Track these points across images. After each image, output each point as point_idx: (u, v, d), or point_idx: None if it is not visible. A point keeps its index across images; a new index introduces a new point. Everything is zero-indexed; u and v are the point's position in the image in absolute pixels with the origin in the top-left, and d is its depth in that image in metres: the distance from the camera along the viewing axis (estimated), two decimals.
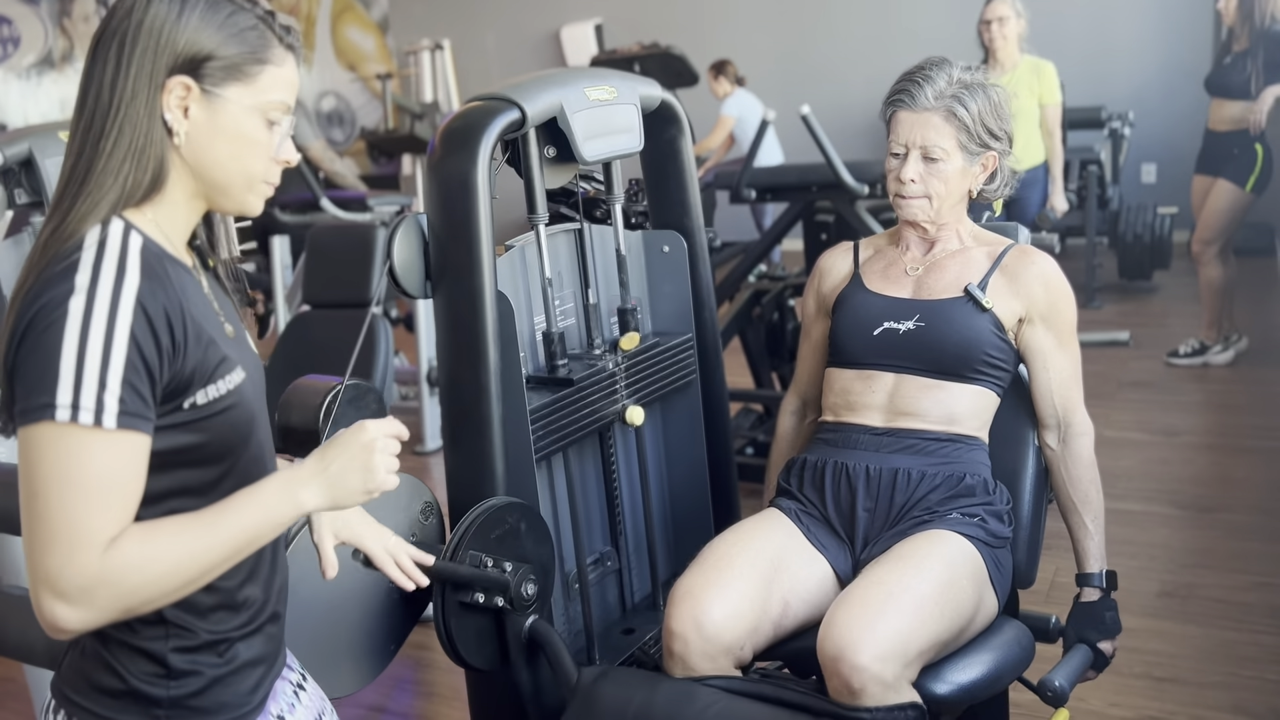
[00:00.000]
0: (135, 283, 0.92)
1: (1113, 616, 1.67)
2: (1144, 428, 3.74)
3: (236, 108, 0.99)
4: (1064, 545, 1.95)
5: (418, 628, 2.79)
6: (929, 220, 1.68)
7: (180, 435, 0.98)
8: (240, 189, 1.02)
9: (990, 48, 3.91)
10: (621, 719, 1.42)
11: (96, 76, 0.96)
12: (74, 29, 9.82)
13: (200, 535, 0.95)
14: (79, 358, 0.89)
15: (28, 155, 2.37)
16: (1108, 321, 5.07)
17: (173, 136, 0.97)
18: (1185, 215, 5.75)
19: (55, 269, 0.93)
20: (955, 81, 1.62)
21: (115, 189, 0.95)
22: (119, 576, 0.91)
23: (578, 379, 1.69)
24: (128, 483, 0.93)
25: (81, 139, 0.96)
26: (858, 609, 1.43)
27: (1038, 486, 1.71)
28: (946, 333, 1.63)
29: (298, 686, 1.21)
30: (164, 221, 1.00)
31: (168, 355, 0.94)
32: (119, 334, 0.90)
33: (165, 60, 0.95)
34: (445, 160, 1.53)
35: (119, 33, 0.95)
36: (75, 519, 0.90)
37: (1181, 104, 6.22)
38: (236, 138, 0.99)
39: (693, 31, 7.43)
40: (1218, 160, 4.20)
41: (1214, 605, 2.58)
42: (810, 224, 3.63)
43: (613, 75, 1.76)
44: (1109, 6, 6.53)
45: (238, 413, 1.02)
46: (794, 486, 1.71)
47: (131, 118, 0.95)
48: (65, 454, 0.89)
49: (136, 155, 0.95)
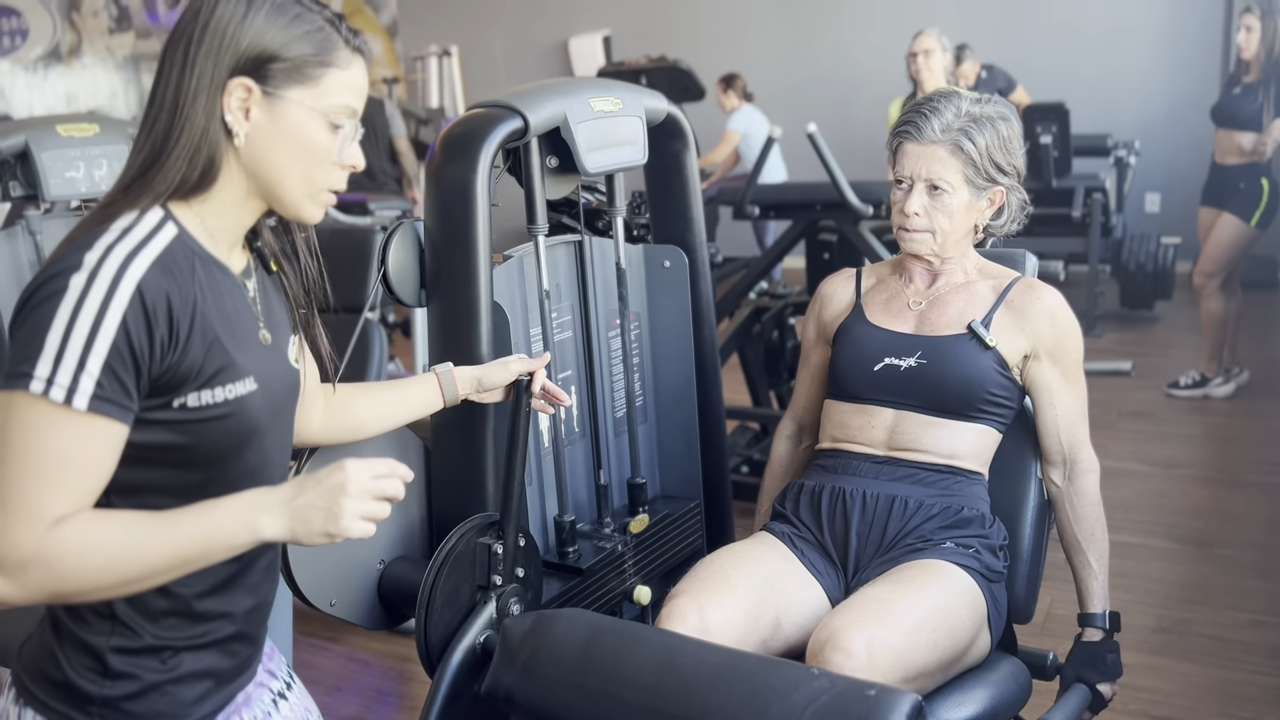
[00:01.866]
0: (142, 269, 0.92)
1: (1114, 659, 1.63)
2: (1143, 459, 3.71)
3: (298, 110, 0.98)
4: (1059, 577, 1.92)
5: (399, 639, 2.76)
6: (933, 254, 1.65)
7: (163, 433, 0.96)
8: (299, 194, 1.02)
9: (917, 79, 4.06)
10: (563, 656, 1.32)
11: (164, 75, 0.97)
12: (82, 23, 9.82)
13: (147, 536, 0.93)
14: (65, 334, 0.88)
15: (23, 148, 2.35)
16: (1108, 350, 5.05)
17: (232, 138, 0.97)
18: (1188, 246, 5.74)
19: (77, 241, 0.93)
20: (964, 114, 1.59)
21: (162, 183, 0.96)
22: (54, 558, 0.89)
23: (586, 568, 1.65)
24: (87, 467, 0.91)
25: (146, 135, 0.97)
26: (855, 616, 1.40)
27: (1038, 520, 1.68)
28: (949, 371, 1.59)
29: (278, 695, 1.18)
30: (210, 219, 1.00)
31: (161, 347, 0.92)
32: (110, 317, 0.89)
33: (228, 61, 0.96)
34: (445, 167, 1.51)
35: (187, 33, 0.96)
36: (24, 492, 0.89)
37: (1187, 134, 6.21)
38: (297, 141, 0.99)
39: (701, 46, 7.43)
40: (1223, 193, 4.19)
41: (1211, 643, 2.54)
42: (813, 243, 3.61)
43: (618, 87, 1.73)
44: (1118, 35, 6.54)
45: (233, 423, 0.99)
46: (789, 510, 1.68)
47: (192, 117, 0.95)
48: (29, 426, 0.89)
49: (190, 154, 0.96)
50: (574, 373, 1.80)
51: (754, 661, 1.25)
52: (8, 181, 2.40)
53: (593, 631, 1.32)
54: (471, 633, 1.41)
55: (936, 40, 3.99)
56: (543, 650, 1.31)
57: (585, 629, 1.33)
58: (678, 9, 7.75)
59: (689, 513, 1.89)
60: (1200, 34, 6.33)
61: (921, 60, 3.99)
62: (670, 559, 1.85)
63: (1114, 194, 5.63)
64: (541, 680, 1.30)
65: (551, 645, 1.32)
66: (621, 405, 1.87)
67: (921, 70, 4.00)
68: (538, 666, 1.30)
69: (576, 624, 1.34)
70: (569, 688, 1.27)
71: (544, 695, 1.29)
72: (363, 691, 2.55)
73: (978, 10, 6.83)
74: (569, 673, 1.28)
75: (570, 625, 1.34)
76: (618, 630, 1.35)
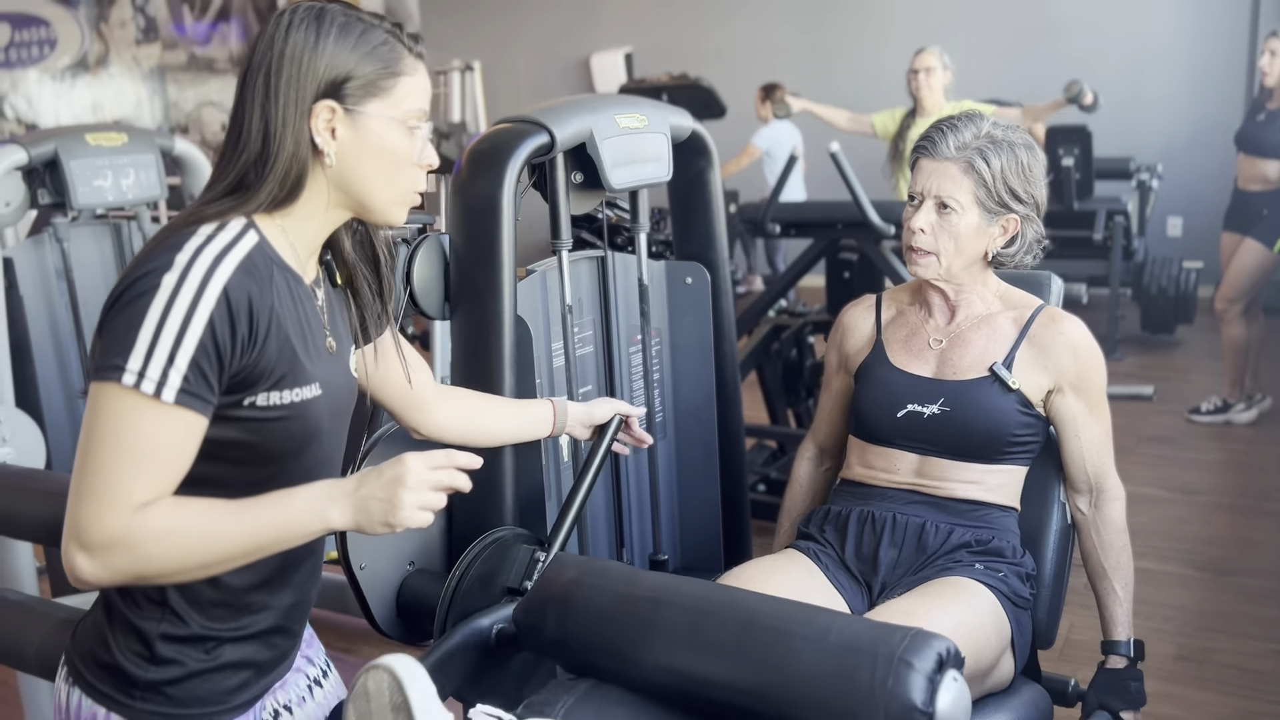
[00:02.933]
0: (229, 271, 0.97)
1: (1138, 687, 1.61)
2: (1163, 484, 3.68)
3: (379, 122, 1.04)
4: (1079, 602, 1.90)
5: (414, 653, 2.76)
6: (939, 279, 1.61)
7: (232, 429, 1.01)
8: (388, 201, 1.08)
9: (917, 96, 4.06)
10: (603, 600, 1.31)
11: (247, 104, 1.02)
12: (110, 34, 9.94)
13: (226, 522, 0.98)
14: (157, 330, 0.94)
15: (53, 156, 2.38)
16: (1129, 374, 5.02)
17: (322, 157, 1.03)
18: (1210, 270, 5.70)
19: (166, 243, 0.98)
20: (983, 135, 1.56)
21: (253, 203, 1.02)
22: (138, 541, 0.95)
23: None
24: (172, 456, 0.97)
25: (234, 158, 1.02)
26: None
27: (1061, 544, 1.67)
28: (973, 417, 1.57)
29: (314, 682, 1.22)
30: (292, 230, 1.05)
31: (242, 346, 0.98)
32: (199, 316, 0.95)
33: (310, 87, 1.01)
34: (471, 181, 1.51)
35: (264, 65, 1.01)
36: (113, 478, 0.94)
37: (1210, 158, 6.19)
38: (382, 151, 1.04)
39: (723, 64, 7.46)
40: (1246, 219, 4.16)
41: (1231, 672, 2.51)
42: (833, 262, 3.61)
43: (644, 103, 1.74)
44: (1141, 58, 6.52)
45: (296, 425, 1.04)
46: (814, 531, 1.67)
47: (283, 142, 1.01)
48: (121, 416, 0.94)
49: (282, 176, 1.02)
50: (594, 387, 1.80)
51: (796, 602, 1.27)
52: (36, 188, 2.43)
53: (637, 570, 1.36)
54: (490, 617, 1.38)
55: (938, 58, 4.00)
56: (591, 569, 1.32)
57: (630, 569, 1.36)
58: (700, 27, 7.78)
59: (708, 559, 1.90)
60: (1224, 58, 6.31)
61: (922, 78, 4.00)
62: None
63: (1136, 217, 5.61)
64: (587, 591, 1.28)
65: (601, 566, 1.33)
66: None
67: (922, 87, 4.01)
68: (586, 579, 1.30)
69: (620, 565, 1.37)
70: (617, 597, 1.26)
71: (587, 607, 1.28)
72: None
73: (1000, 32, 6.83)
74: (617, 583, 1.29)
75: (616, 564, 1.37)
76: (658, 572, 1.36)
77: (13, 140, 2.38)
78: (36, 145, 2.37)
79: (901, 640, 1.10)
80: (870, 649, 1.10)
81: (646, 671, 1.23)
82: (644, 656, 1.22)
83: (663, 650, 1.21)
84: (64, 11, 9.59)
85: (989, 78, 6.51)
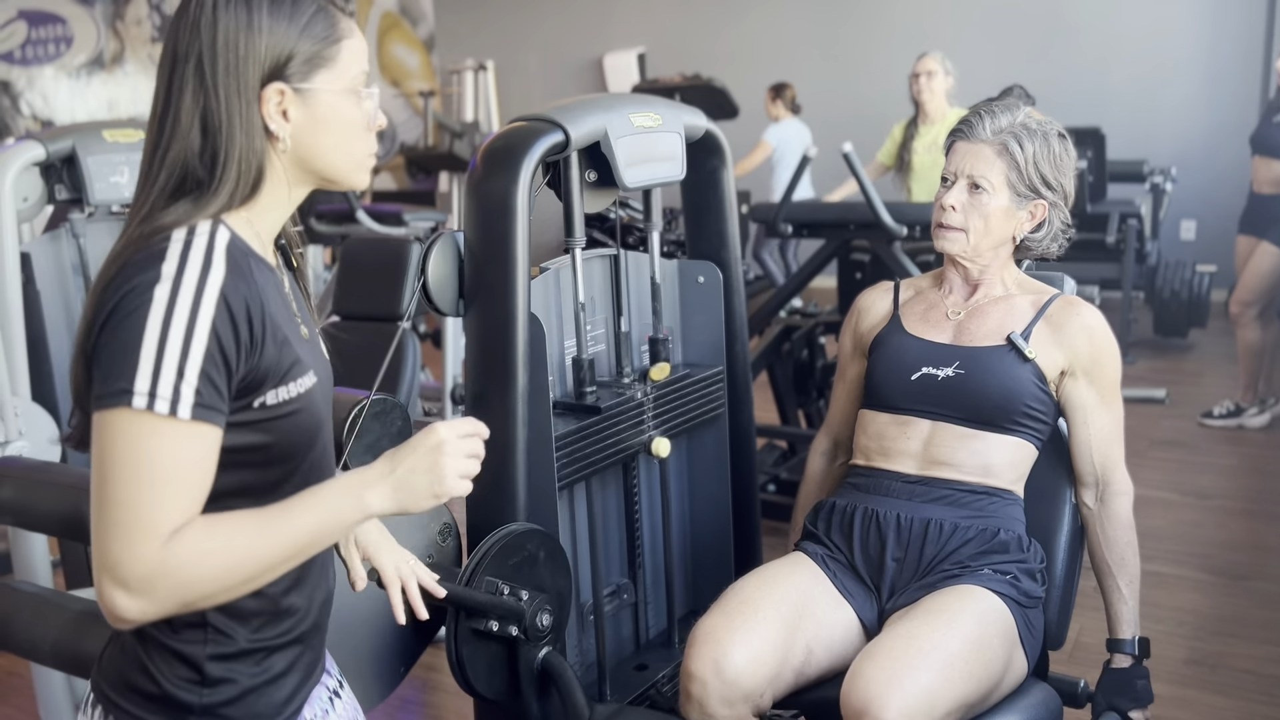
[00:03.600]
0: (221, 275, 0.92)
1: (1145, 685, 1.61)
2: (1176, 488, 3.66)
3: (329, 95, 0.99)
4: (1089, 604, 1.89)
5: (429, 649, 2.76)
6: (963, 255, 1.64)
7: (247, 434, 0.97)
8: (349, 170, 1.03)
9: (918, 100, 4.07)
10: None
11: (175, 98, 0.95)
12: (126, 31, 9.99)
13: (263, 532, 0.94)
14: (160, 346, 0.88)
15: (71, 152, 2.39)
16: (1141, 377, 5.00)
17: (276, 142, 0.98)
18: (1224, 274, 5.68)
19: (139, 256, 0.92)
20: (1018, 122, 1.60)
21: (215, 204, 0.96)
22: (179, 568, 0.89)
23: (605, 407, 1.66)
24: (196, 475, 0.92)
25: (166, 158, 0.95)
26: (885, 662, 1.38)
27: (1073, 544, 1.66)
28: (987, 382, 1.59)
29: (334, 693, 1.20)
30: (257, 220, 1.00)
31: (245, 350, 0.93)
32: (201, 325, 0.90)
33: (254, 73, 0.95)
34: (486, 179, 1.52)
35: (192, 54, 0.94)
36: (140, 508, 0.89)
37: (1225, 161, 6.16)
38: (336, 123, 1.00)
39: (735, 64, 7.46)
40: (1262, 222, 4.14)
41: (1243, 676, 2.50)
42: (845, 262, 3.60)
43: (658, 103, 1.74)
44: (1156, 61, 6.50)
45: (305, 416, 1.01)
46: (821, 531, 1.67)
47: (232, 135, 0.95)
48: (137, 442, 0.88)
49: (240, 171, 0.96)
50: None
51: None
52: (54, 184, 2.45)
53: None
54: (499, 622, 1.40)
55: (939, 63, 4.01)
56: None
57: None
58: (713, 27, 7.78)
59: (713, 377, 1.88)
60: (1239, 61, 6.28)
61: (924, 81, 4.01)
62: (693, 418, 1.84)
63: (1149, 220, 5.59)
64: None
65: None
66: None
67: (923, 91, 4.02)
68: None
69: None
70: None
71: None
72: (389, 700, 2.55)
73: (1016, 35, 6.82)
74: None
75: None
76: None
77: (31, 136, 2.39)
78: (54, 142, 2.38)
79: None
80: None
81: None
82: None
83: None
84: (80, 9, 9.65)
85: (1005, 80, 6.49)
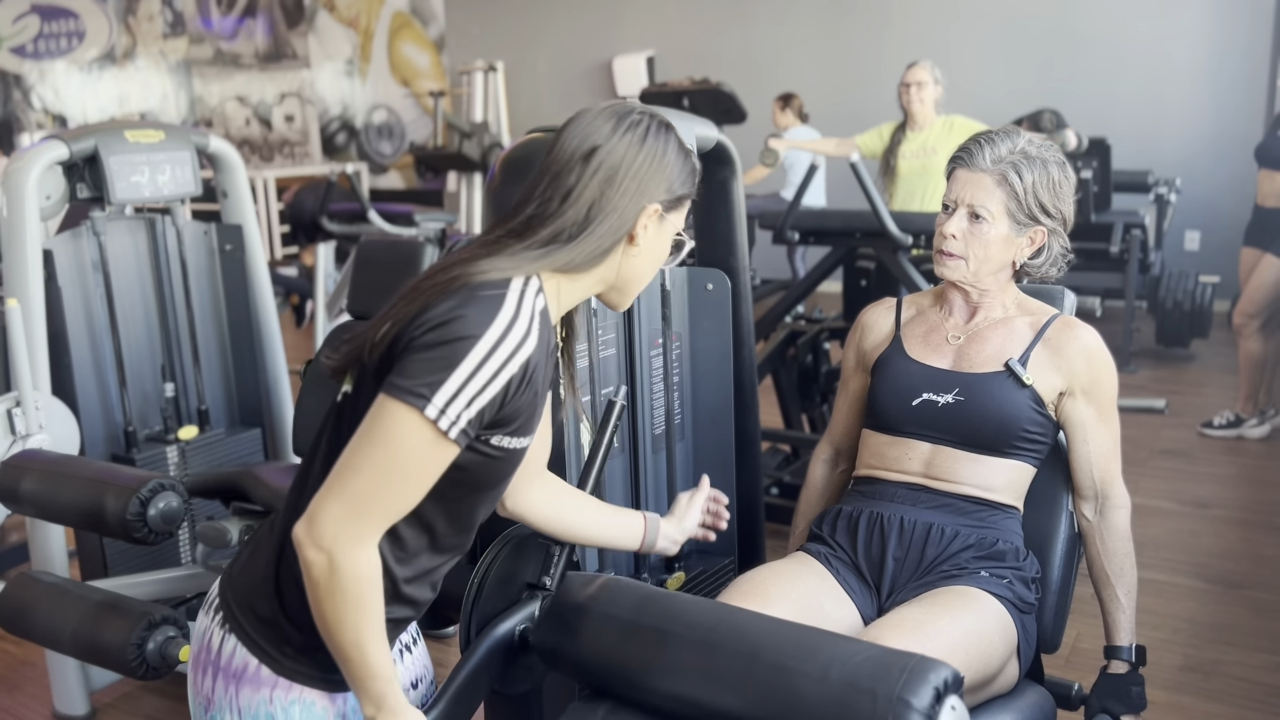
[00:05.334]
0: (532, 345, 1.08)
1: (1139, 692, 1.65)
2: (1174, 497, 3.70)
3: (669, 230, 1.21)
4: (1086, 610, 1.93)
5: (434, 643, 2.80)
6: (965, 281, 1.67)
7: (464, 456, 1.10)
8: (635, 291, 1.24)
9: (908, 109, 4.09)
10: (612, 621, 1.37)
11: (587, 179, 1.14)
12: (138, 27, 10.04)
13: (370, 626, 1.08)
14: (467, 379, 1.04)
15: (93, 152, 2.44)
16: (1142, 387, 5.03)
17: (631, 245, 1.17)
18: (1227, 285, 5.71)
19: (484, 292, 1.07)
20: (1017, 150, 1.62)
21: (558, 262, 1.13)
22: (338, 566, 1.04)
23: None
24: (428, 481, 1.07)
25: (552, 216, 1.13)
26: (890, 632, 1.42)
27: (1068, 552, 1.70)
28: (986, 408, 1.62)
29: (405, 647, 1.31)
30: (565, 293, 1.18)
31: (514, 400, 1.08)
32: (502, 377, 1.05)
33: (651, 190, 1.16)
34: (504, 188, 1.56)
35: (616, 156, 1.14)
36: (373, 492, 1.04)
37: (1229, 173, 6.19)
38: (660, 254, 1.22)
39: (745, 69, 7.50)
40: (1267, 235, 4.17)
41: (1238, 684, 2.54)
42: (851, 270, 3.64)
43: (670, 114, 1.78)
44: (1162, 72, 6.53)
45: (504, 467, 1.15)
46: (825, 533, 1.71)
47: (610, 223, 1.14)
48: (409, 440, 1.03)
49: (594, 249, 1.14)
50: (615, 389, 1.85)
51: (801, 627, 1.30)
52: (75, 183, 2.49)
53: (649, 592, 1.40)
54: (514, 620, 1.43)
55: (929, 73, 4.04)
56: (603, 594, 1.37)
57: (642, 589, 1.40)
58: (722, 32, 7.82)
59: (722, 569, 1.94)
60: (1245, 73, 6.31)
61: (914, 91, 4.03)
62: None
63: (1153, 230, 5.62)
64: (598, 618, 1.35)
65: (613, 589, 1.38)
66: (661, 423, 1.92)
67: (913, 101, 4.04)
68: (596, 606, 1.36)
69: (633, 584, 1.42)
70: (625, 625, 1.32)
71: (599, 633, 1.34)
72: None
73: (1023, 45, 6.85)
74: (627, 610, 1.34)
75: (628, 583, 1.41)
76: (670, 594, 1.42)
77: (54, 136, 2.43)
78: (77, 141, 2.43)
79: (900, 676, 1.13)
80: (869, 686, 1.13)
81: (657, 699, 1.27)
82: (653, 684, 1.26)
83: (670, 680, 1.24)
84: (92, 4, 9.69)
85: (1013, 90, 6.53)
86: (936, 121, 4.07)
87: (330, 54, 9.73)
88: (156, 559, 2.64)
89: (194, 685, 1.22)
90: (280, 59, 10.01)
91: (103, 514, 1.90)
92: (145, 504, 1.88)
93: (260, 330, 2.88)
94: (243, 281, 2.83)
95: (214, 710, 1.19)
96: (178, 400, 2.74)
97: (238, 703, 1.16)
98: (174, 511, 1.91)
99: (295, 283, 6.74)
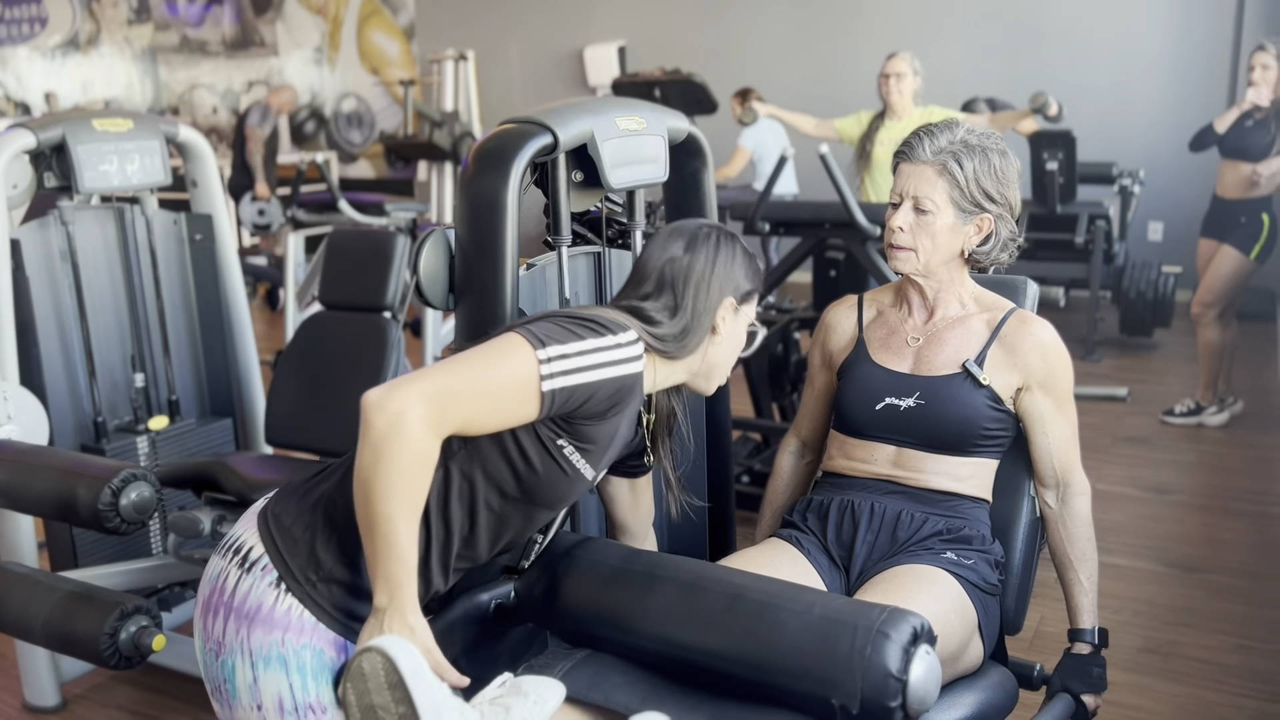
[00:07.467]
0: (635, 375, 1.30)
1: (1100, 673, 1.69)
2: (1136, 484, 3.77)
3: (743, 321, 1.44)
4: (1050, 594, 1.97)
5: None
6: (917, 273, 1.69)
7: (533, 447, 1.27)
8: (721, 376, 1.45)
9: (887, 100, 4.12)
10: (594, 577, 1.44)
11: (692, 288, 1.38)
12: (102, 13, 9.90)
13: (407, 510, 1.14)
14: (579, 354, 1.24)
15: (61, 141, 2.42)
16: (1106, 376, 5.12)
17: (714, 337, 1.40)
18: (1189, 275, 5.80)
19: (617, 318, 1.32)
20: (957, 140, 1.64)
21: (664, 343, 1.35)
22: (400, 436, 1.12)
23: None
24: (497, 412, 1.20)
25: (674, 320, 1.37)
26: None
27: (1030, 536, 1.75)
28: (945, 411, 1.66)
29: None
30: (659, 373, 1.38)
31: (593, 413, 1.27)
32: (601, 373, 1.25)
33: (730, 288, 1.41)
34: (477, 179, 1.57)
35: (702, 267, 1.39)
36: (460, 393, 1.17)
37: (1192, 164, 6.26)
38: (737, 342, 1.45)
39: (715, 59, 7.52)
40: (1224, 226, 4.25)
41: (1196, 665, 2.60)
42: (820, 260, 3.68)
43: (643, 106, 1.80)
44: (1127, 66, 6.62)
45: (563, 487, 1.30)
46: (797, 519, 1.74)
47: (702, 318, 1.39)
48: (513, 364, 1.21)
49: (690, 337, 1.38)
50: None
51: (783, 580, 1.38)
52: (43, 172, 2.47)
53: (636, 549, 1.48)
54: (491, 592, 1.47)
55: (908, 64, 4.06)
56: (593, 545, 1.44)
57: (628, 547, 1.49)
58: (693, 22, 7.83)
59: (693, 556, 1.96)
60: (1208, 66, 6.41)
61: (893, 82, 4.06)
62: None
63: (1117, 222, 5.70)
64: (586, 565, 1.42)
65: (601, 544, 1.45)
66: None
67: (892, 92, 4.07)
68: (586, 554, 1.43)
69: (620, 544, 1.49)
70: (614, 570, 1.40)
71: (586, 579, 1.41)
72: None
73: (988, 38, 6.92)
74: (616, 559, 1.42)
75: (615, 542, 1.49)
76: (656, 551, 1.50)
77: (21, 124, 2.41)
78: (44, 130, 2.41)
79: (880, 614, 1.18)
80: (850, 621, 1.18)
81: (641, 640, 1.30)
82: (639, 626, 1.29)
83: (657, 621, 1.28)
84: None
85: (980, 82, 6.59)
86: (915, 112, 4.11)
87: (298, 41, 9.64)
88: (126, 550, 2.63)
89: (204, 631, 1.24)
90: (248, 46, 9.91)
91: (74, 504, 1.90)
92: (117, 494, 1.88)
93: (231, 320, 2.87)
94: (213, 271, 2.82)
95: (225, 654, 1.20)
96: (148, 390, 2.73)
97: (249, 644, 1.18)
98: (146, 501, 1.91)
99: (265, 272, 6.70)
